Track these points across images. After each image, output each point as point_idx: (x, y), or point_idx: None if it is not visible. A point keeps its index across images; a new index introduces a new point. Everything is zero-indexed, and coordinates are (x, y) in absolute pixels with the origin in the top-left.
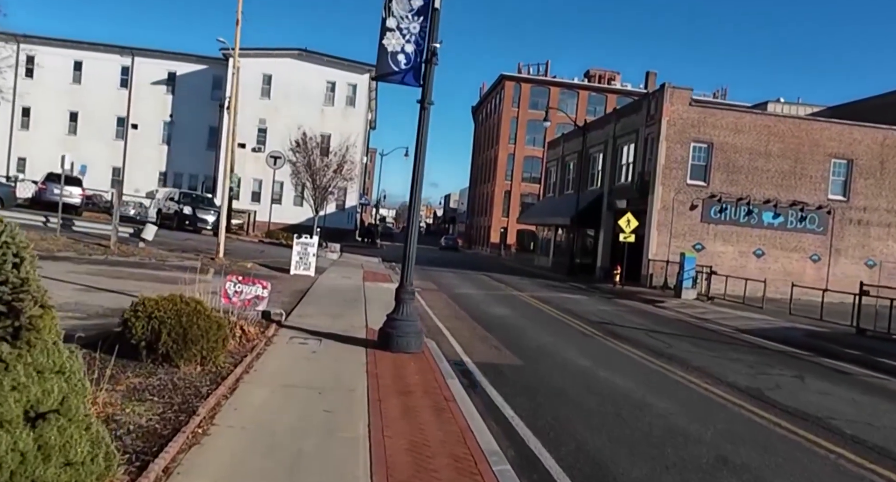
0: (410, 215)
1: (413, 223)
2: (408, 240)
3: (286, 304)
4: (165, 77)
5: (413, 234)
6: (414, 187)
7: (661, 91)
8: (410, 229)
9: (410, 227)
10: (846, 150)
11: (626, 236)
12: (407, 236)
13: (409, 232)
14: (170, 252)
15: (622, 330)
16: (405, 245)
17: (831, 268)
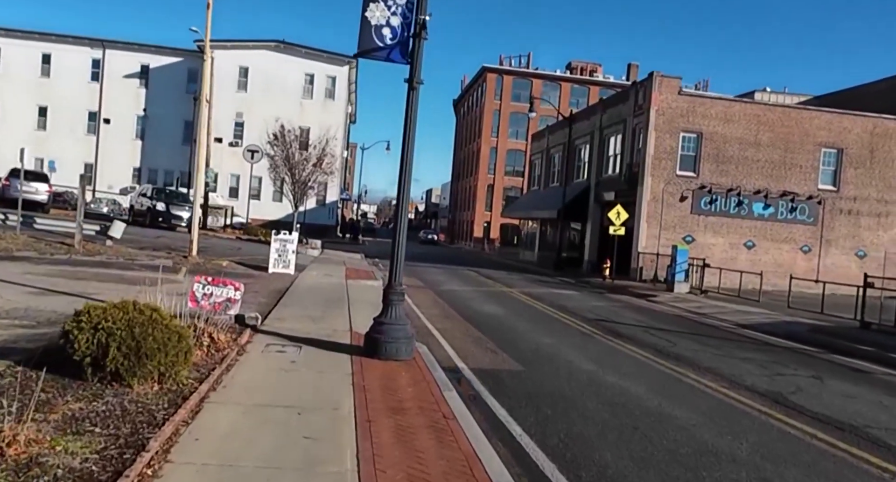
0: (399, 209)
1: (401, 217)
2: (396, 235)
3: (263, 306)
4: (138, 70)
5: (402, 230)
6: (402, 177)
7: (649, 80)
8: (399, 224)
9: (399, 221)
10: (836, 139)
11: (616, 229)
12: (395, 232)
13: (398, 227)
14: (140, 250)
15: (621, 327)
16: (393, 241)
17: (822, 260)
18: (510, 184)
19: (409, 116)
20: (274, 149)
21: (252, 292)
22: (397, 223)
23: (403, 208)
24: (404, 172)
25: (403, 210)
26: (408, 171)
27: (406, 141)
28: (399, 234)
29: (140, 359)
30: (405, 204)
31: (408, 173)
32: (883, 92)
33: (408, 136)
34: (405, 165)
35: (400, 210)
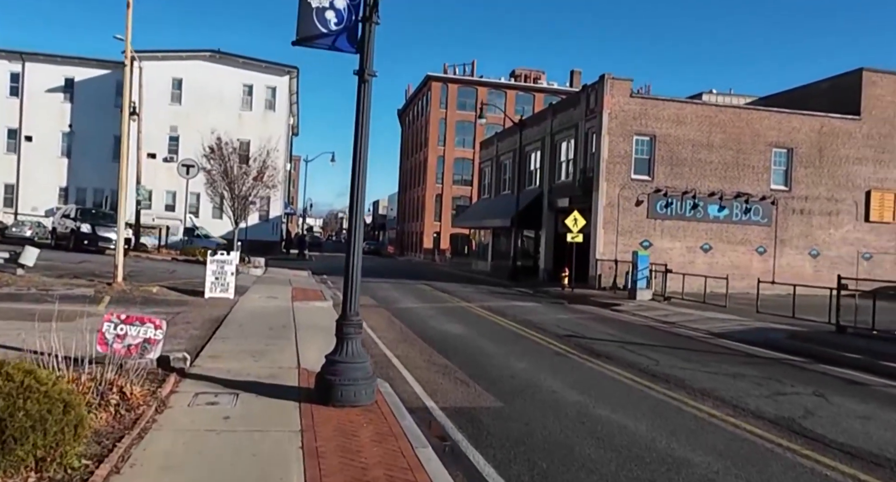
0: (353, 220)
1: (356, 230)
2: (350, 255)
3: (195, 340)
4: (62, 84)
5: (356, 246)
6: (356, 184)
7: (600, 83)
8: (353, 239)
9: (353, 235)
10: (786, 139)
11: (574, 236)
12: (349, 250)
13: (352, 242)
14: (57, 278)
15: (595, 344)
16: (348, 261)
17: (777, 260)
18: (459, 193)
19: (361, 114)
20: (211, 162)
21: (183, 324)
22: (351, 238)
23: (358, 219)
24: (358, 178)
25: (358, 221)
26: (362, 177)
27: (358, 142)
28: (354, 252)
29: (5, 444)
30: (360, 215)
31: (362, 179)
32: (826, 91)
33: (360, 136)
34: (359, 170)
35: (354, 222)
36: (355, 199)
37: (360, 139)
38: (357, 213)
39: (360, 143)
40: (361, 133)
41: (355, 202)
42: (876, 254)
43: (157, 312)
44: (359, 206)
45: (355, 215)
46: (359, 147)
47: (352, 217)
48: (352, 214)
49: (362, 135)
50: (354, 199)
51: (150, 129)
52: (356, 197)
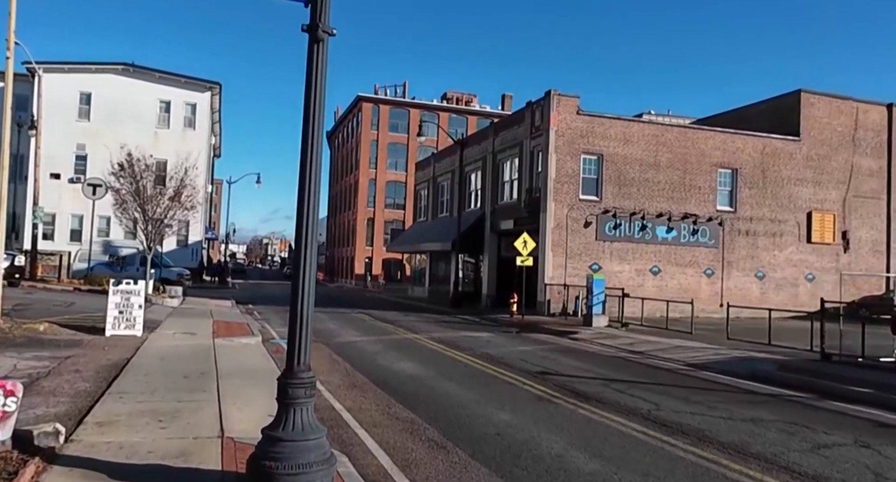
0: (303, 233)
1: (307, 247)
2: (301, 281)
3: (82, 397)
4: None
5: (308, 269)
6: (307, 185)
7: (546, 99)
8: (304, 259)
9: (304, 254)
10: (730, 160)
11: (524, 260)
12: (299, 273)
13: (302, 264)
14: None
15: (574, 383)
16: (296, 293)
17: (724, 282)
18: (392, 217)
19: (315, 84)
20: (121, 181)
21: (71, 373)
22: (302, 258)
23: (310, 232)
24: (309, 176)
25: (310, 235)
26: (313, 176)
27: (311, 128)
28: (304, 279)
29: None
30: (312, 226)
31: (313, 178)
32: (765, 112)
33: (313, 118)
34: (310, 167)
35: (305, 235)
36: (307, 205)
37: (312, 122)
38: (308, 224)
39: (313, 129)
40: (314, 114)
41: (307, 209)
42: (818, 275)
43: (37, 357)
44: (310, 214)
45: (306, 227)
46: (311, 134)
47: (302, 229)
48: (302, 225)
49: (315, 116)
50: (305, 204)
51: (54, 147)
52: (308, 202)
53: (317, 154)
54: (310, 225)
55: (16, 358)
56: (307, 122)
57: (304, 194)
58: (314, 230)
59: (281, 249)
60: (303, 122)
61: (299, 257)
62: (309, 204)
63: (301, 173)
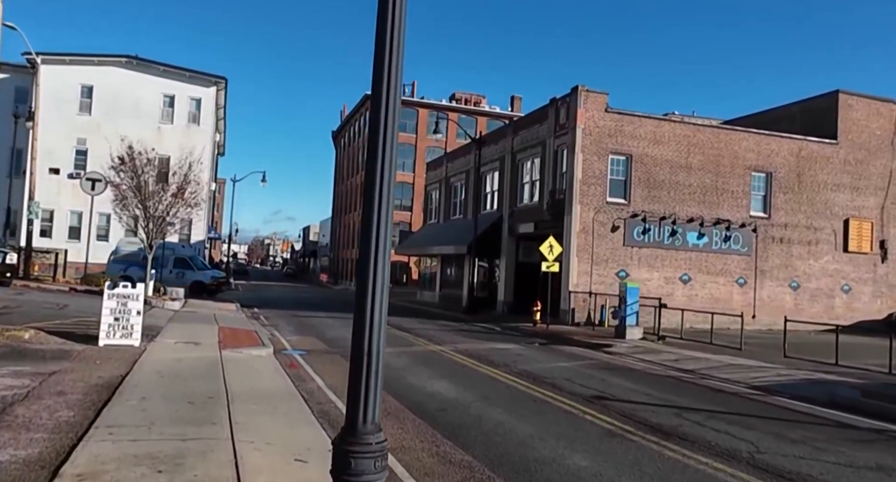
0: (376, 212)
1: (378, 264)
2: (369, 304)
3: (63, 432)
4: None
5: (377, 290)
6: (384, 115)
7: (573, 95)
8: (372, 277)
9: (375, 241)
10: (765, 162)
11: (550, 265)
12: (366, 294)
13: (371, 284)
14: None
15: (640, 411)
16: (362, 322)
17: (757, 292)
18: (398, 218)
19: (393, 31)
20: (121, 175)
21: (53, 396)
22: (370, 276)
23: (381, 246)
24: (388, 118)
25: (381, 248)
26: (392, 118)
27: (390, 46)
28: (373, 302)
29: None
30: (384, 240)
31: (387, 169)
32: (798, 114)
33: (393, 38)
34: (389, 108)
35: (377, 219)
36: (378, 207)
37: (392, 43)
38: (381, 232)
39: (393, 52)
40: (395, 35)
41: (378, 213)
42: (855, 286)
43: (16, 374)
44: (383, 219)
45: (377, 236)
46: (390, 57)
47: (371, 241)
48: (371, 234)
49: (395, 38)
50: (377, 206)
51: (53, 141)
52: (380, 202)
53: (392, 145)
54: (382, 233)
55: None
56: (386, 52)
57: (375, 192)
58: (387, 242)
59: (283, 250)
60: (372, 97)
61: (367, 276)
62: (381, 205)
63: (371, 168)
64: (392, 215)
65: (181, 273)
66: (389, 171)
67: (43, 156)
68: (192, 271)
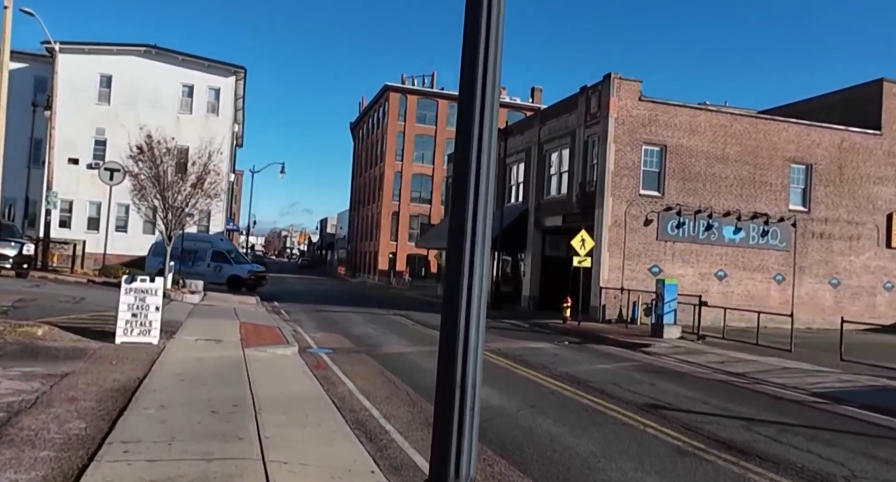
0: (471, 209)
1: (477, 235)
2: (462, 325)
3: (72, 449)
4: None
5: (477, 270)
6: (482, 77)
7: (605, 83)
8: (471, 255)
9: (471, 247)
10: (805, 154)
11: (582, 260)
12: (461, 277)
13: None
14: None
15: (704, 423)
16: (452, 347)
17: (796, 289)
18: (417, 211)
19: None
20: (139, 165)
21: (64, 403)
22: (466, 250)
23: (479, 245)
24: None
25: (479, 250)
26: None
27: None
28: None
29: None
30: (482, 241)
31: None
32: (838, 104)
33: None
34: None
35: (476, 208)
36: (475, 205)
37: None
38: (480, 232)
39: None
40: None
41: (475, 211)
42: None
43: (26, 376)
44: (481, 215)
45: (473, 237)
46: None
47: (465, 241)
48: (471, 198)
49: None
50: (473, 203)
51: (73, 131)
52: (478, 200)
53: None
54: (480, 237)
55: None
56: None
57: (471, 191)
58: (485, 249)
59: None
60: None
61: (459, 289)
62: (478, 202)
63: (464, 161)
64: (492, 210)
65: (219, 267)
66: (487, 166)
67: (62, 146)
68: (229, 265)
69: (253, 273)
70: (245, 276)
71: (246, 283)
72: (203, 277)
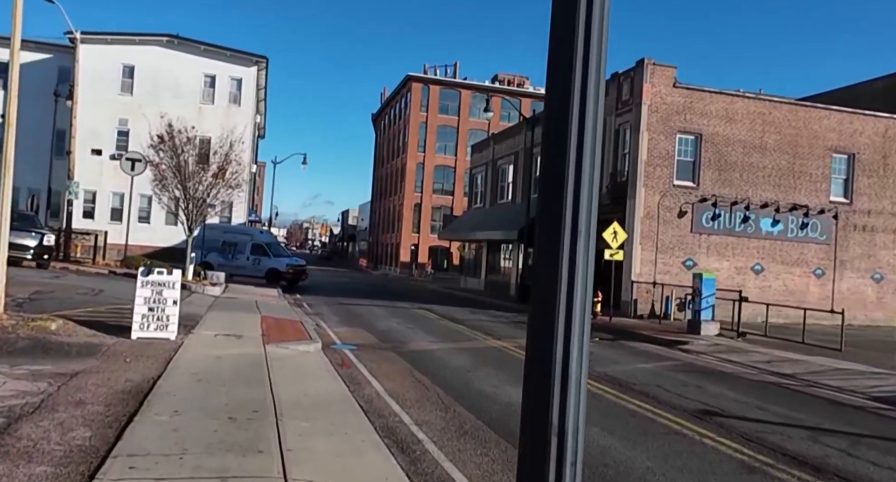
0: (572, 197)
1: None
2: (564, 301)
3: (73, 464)
4: None
5: (576, 331)
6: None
7: (638, 69)
8: (576, 236)
9: (570, 247)
10: (847, 143)
11: (613, 253)
12: (558, 289)
13: (563, 320)
14: None
15: (766, 433)
16: (546, 339)
17: (836, 284)
18: (440, 203)
19: None
20: (160, 154)
21: (70, 407)
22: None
23: (582, 243)
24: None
25: (582, 251)
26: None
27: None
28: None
29: None
30: (586, 239)
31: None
32: (880, 91)
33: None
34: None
35: (578, 194)
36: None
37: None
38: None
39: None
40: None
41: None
42: None
43: (34, 375)
44: (584, 206)
45: (574, 232)
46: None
47: (566, 235)
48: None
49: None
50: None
51: (95, 122)
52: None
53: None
54: (584, 229)
55: (4, 376)
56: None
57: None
58: (591, 243)
59: (321, 234)
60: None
61: (555, 303)
62: (581, 183)
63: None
64: (597, 193)
65: (257, 260)
66: (595, 125)
67: (86, 137)
68: (267, 258)
69: (292, 267)
70: (283, 270)
71: (284, 277)
72: (243, 271)
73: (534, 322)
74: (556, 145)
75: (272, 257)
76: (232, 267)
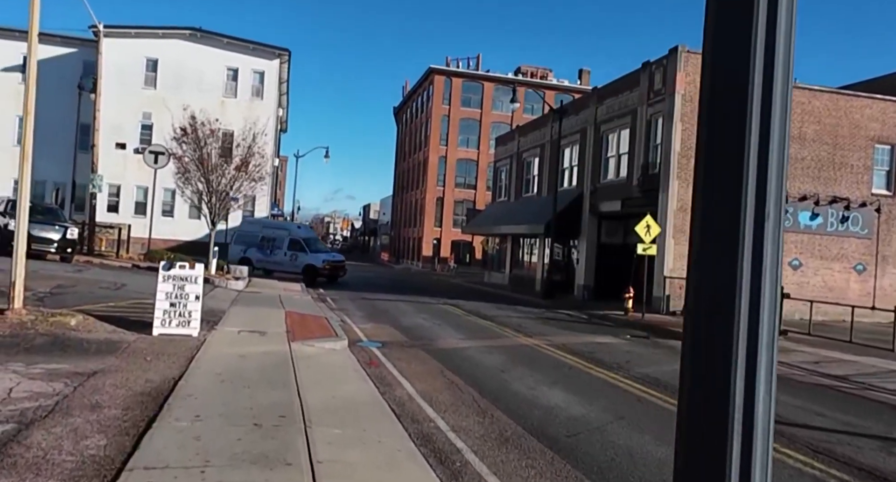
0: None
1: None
2: (744, 319)
3: (85, 478)
4: (20, 62)
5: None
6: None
7: (671, 57)
8: (764, 232)
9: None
10: (890, 133)
11: (647, 247)
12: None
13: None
14: None
15: (835, 444)
16: (706, 375)
17: (878, 280)
18: (462, 196)
19: None
20: (183, 147)
21: (84, 411)
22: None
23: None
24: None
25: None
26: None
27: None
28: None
29: None
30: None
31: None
32: None
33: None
34: None
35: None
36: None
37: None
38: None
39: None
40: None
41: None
42: None
43: (50, 374)
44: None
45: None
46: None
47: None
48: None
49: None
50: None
51: (119, 115)
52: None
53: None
54: (773, 229)
55: (19, 375)
56: None
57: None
58: (779, 245)
59: (343, 228)
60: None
61: (726, 320)
62: (769, 166)
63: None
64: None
65: (294, 255)
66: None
67: (109, 131)
68: (304, 254)
69: (328, 262)
70: (320, 266)
71: (321, 274)
72: (280, 267)
73: (693, 351)
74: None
75: (309, 253)
76: (270, 263)
